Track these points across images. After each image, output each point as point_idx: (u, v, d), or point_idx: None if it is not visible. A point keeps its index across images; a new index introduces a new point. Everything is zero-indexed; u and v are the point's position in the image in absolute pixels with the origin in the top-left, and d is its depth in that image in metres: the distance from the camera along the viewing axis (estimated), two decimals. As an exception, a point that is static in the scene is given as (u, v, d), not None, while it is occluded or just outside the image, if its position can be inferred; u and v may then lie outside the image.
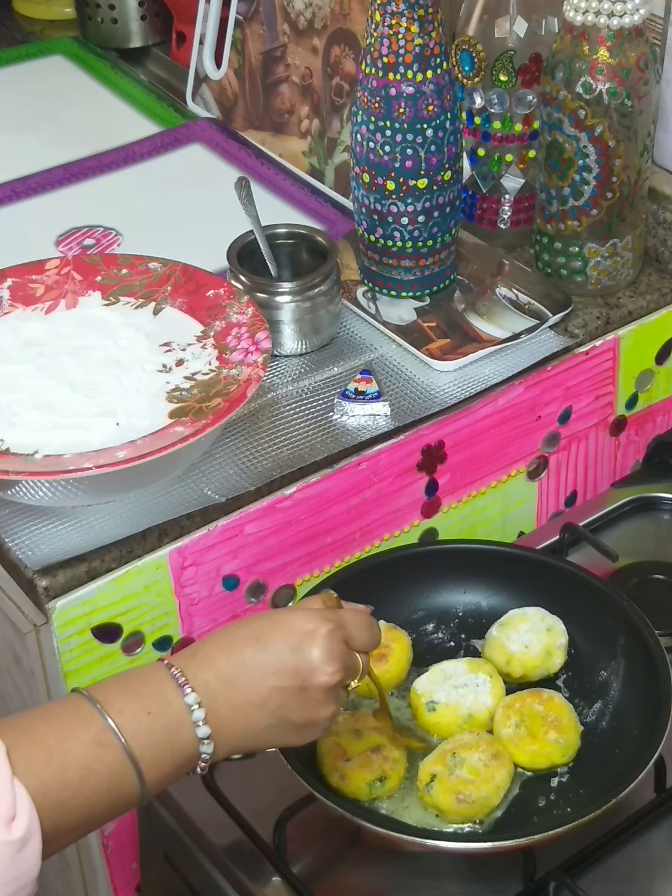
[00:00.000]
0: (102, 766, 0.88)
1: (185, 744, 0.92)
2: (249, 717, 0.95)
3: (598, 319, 1.43)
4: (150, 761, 0.90)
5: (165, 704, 0.92)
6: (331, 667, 0.96)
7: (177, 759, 0.92)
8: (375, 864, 1.12)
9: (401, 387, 1.35)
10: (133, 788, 0.90)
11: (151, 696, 0.92)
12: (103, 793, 0.89)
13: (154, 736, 0.91)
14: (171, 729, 0.92)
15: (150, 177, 1.68)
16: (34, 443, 1.16)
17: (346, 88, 1.56)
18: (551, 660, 1.19)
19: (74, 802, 0.87)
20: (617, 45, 1.31)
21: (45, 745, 0.87)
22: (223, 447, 1.28)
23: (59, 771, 0.87)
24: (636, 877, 1.12)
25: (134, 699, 0.91)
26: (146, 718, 0.91)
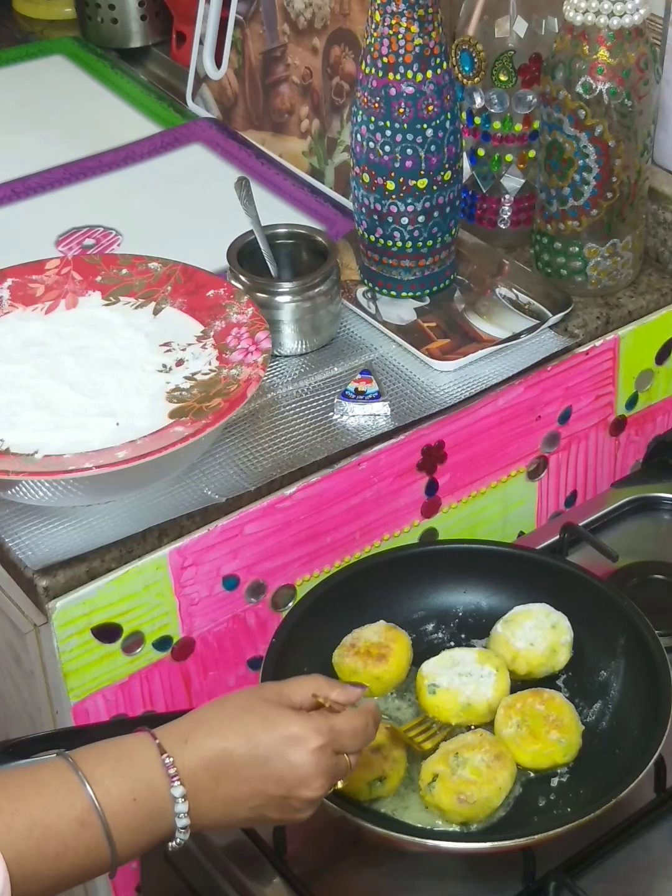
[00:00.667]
0: (80, 844, 0.90)
1: (162, 829, 0.94)
2: (228, 809, 0.96)
3: (598, 319, 1.43)
4: (127, 843, 0.92)
5: (152, 792, 0.92)
6: (317, 782, 0.96)
7: (152, 840, 0.94)
8: (375, 864, 1.12)
9: (401, 387, 1.35)
10: (104, 864, 0.92)
11: (140, 781, 0.92)
12: (76, 867, 0.90)
13: (136, 822, 0.92)
14: (153, 816, 0.93)
15: (150, 177, 1.68)
16: (34, 443, 1.16)
17: (346, 88, 1.56)
18: (556, 657, 1.19)
19: (46, 874, 0.89)
20: (617, 45, 1.31)
21: (28, 817, 0.88)
22: (223, 447, 1.28)
23: (38, 844, 0.88)
24: (636, 877, 1.12)
25: (123, 782, 0.92)
26: (131, 804, 0.92)
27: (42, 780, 0.91)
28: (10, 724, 1.39)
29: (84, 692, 1.22)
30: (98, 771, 0.91)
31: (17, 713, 1.36)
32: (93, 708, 1.24)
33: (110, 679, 1.23)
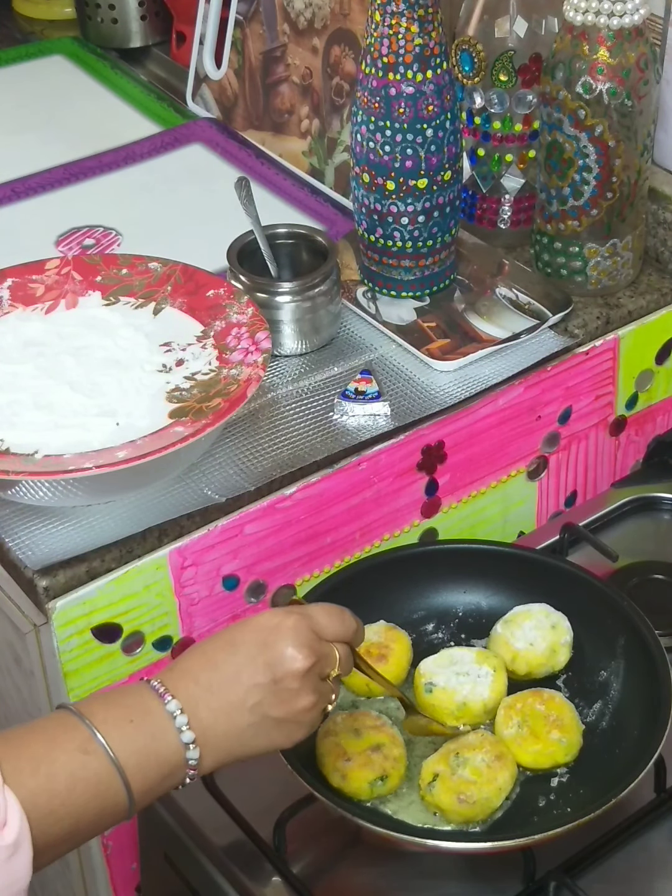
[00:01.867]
0: (89, 773, 0.89)
1: (169, 751, 0.93)
2: (231, 717, 0.95)
3: (598, 319, 1.43)
4: (135, 768, 0.91)
5: (147, 713, 0.93)
6: (300, 653, 0.96)
7: (162, 767, 0.93)
8: (375, 864, 1.12)
9: (401, 387, 1.35)
10: (120, 797, 0.91)
11: (133, 706, 0.93)
12: (90, 800, 0.89)
13: (138, 743, 0.92)
14: (154, 736, 0.93)
15: (150, 177, 1.68)
16: (34, 443, 1.16)
17: (346, 88, 1.56)
18: (556, 657, 1.19)
19: (63, 811, 0.88)
20: (617, 45, 1.31)
21: (32, 755, 0.89)
22: (223, 447, 1.28)
23: (47, 779, 0.88)
24: (636, 877, 1.12)
25: (116, 709, 0.93)
26: (129, 726, 0.92)
27: (40, 725, 0.92)
28: (10, 724, 1.39)
29: (84, 692, 1.22)
30: (93, 707, 0.93)
31: (17, 713, 1.36)
32: (93, 708, 1.24)
33: (110, 679, 1.23)
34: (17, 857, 0.83)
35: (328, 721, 1.14)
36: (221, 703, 0.95)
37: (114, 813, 0.91)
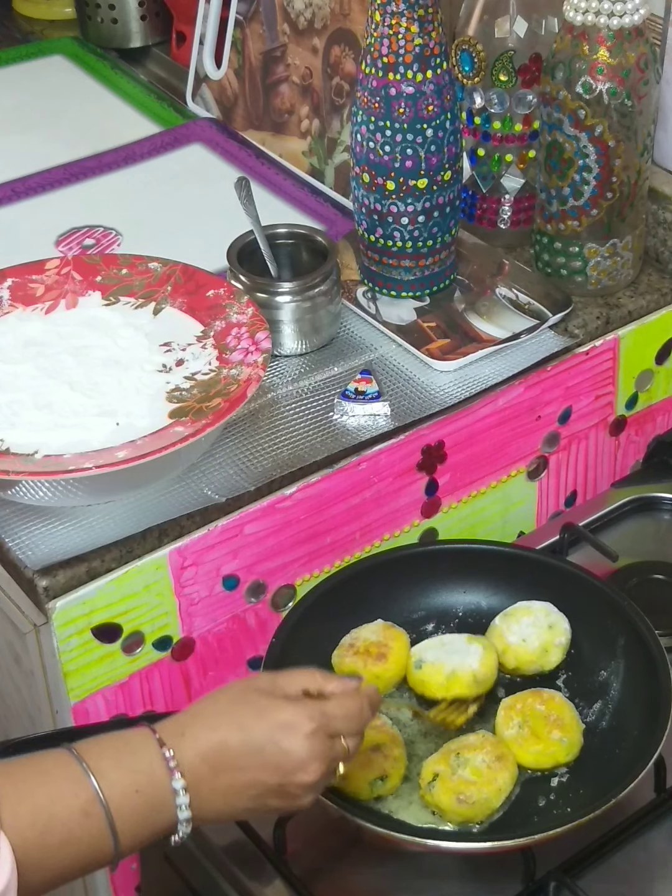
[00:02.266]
0: (84, 834, 0.90)
1: (165, 822, 0.94)
2: (229, 799, 0.96)
3: (598, 319, 1.43)
4: (130, 834, 0.92)
5: (154, 785, 0.93)
6: (312, 766, 0.96)
7: (155, 832, 0.94)
8: (375, 864, 1.12)
9: (401, 387, 1.35)
10: (107, 856, 0.92)
11: (142, 773, 0.93)
12: (79, 858, 0.91)
13: (138, 814, 0.92)
14: (155, 808, 0.93)
15: (150, 177, 1.68)
16: (34, 443, 1.16)
17: (346, 88, 1.56)
18: (547, 657, 1.19)
19: (50, 864, 0.89)
20: (617, 45, 1.31)
21: (33, 805, 0.89)
22: (223, 447, 1.28)
23: (43, 833, 0.88)
24: (636, 877, 1.12)
25: (125, 774, 0.92)
26: (134, 796, 0.92)
27: (46, 769, 0.91)
28: (10, 724, 1.39)
29: (84, 692, 1.22)
30: (101, 763, 0.92)
31: (17, 713, 1.36)
32: (93, 708, 1.24)
33: (110, 679, 1.23)
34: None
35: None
36: (224, 786, 0.95)
37: (98, 865, 0.93)
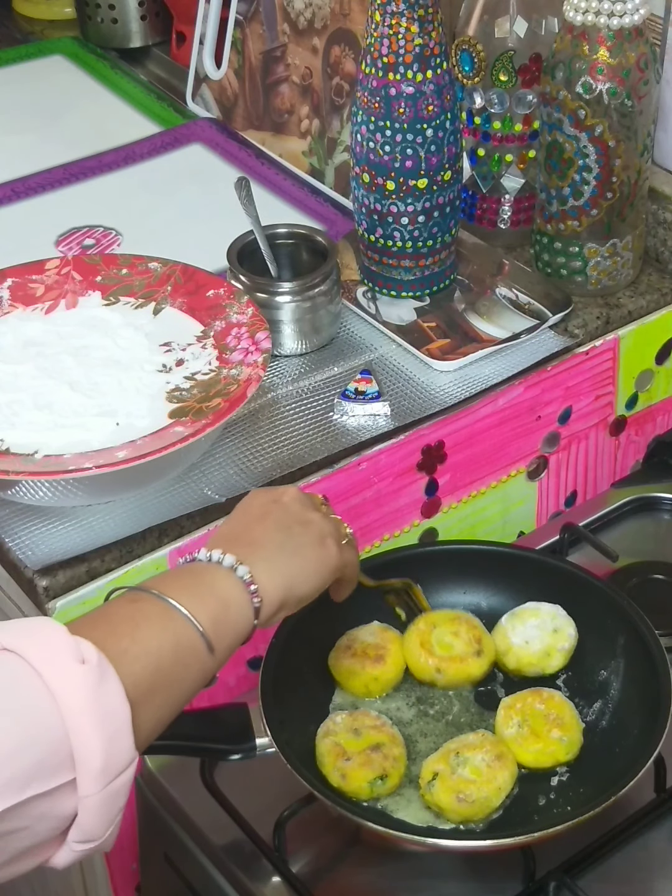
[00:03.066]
0: (147, 609, 0.90)
1: (219, 578, 0.94)
2: (262, 542, 0.98)
3: (598, 319, 1.43)
4: (189, 601, 0.91)
5: (182, 567, 0.97)
6: (280, 488, 1.04)
7: (217, 592, 0.93)
8: (375, 864, 1.12)
9: (401, 387, 1.35)
10: (189, 632, 0.90)
11: (182, 569, 0.96)
12: (159, 632, 0.89)
13: (182, 580, 0.94)
14: (196, 573, 0.95)
15: (150, 177, 1.68)
16: (34, 443, 1.16)
17: (346, 88, 1.56)
18: (549, 660, 1.19)
19: (134, 650, 0.87)
20: (617, 45, 1.31)
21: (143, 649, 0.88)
22: (223, 447, 1.28)
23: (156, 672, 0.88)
24: (636, 877, 1.12)
25: (167, 575, 0.97)
26: (167, 576, 0.96)
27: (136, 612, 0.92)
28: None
29: (84, 692, 1.22)
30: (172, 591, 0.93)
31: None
32: (93, 708, 1.24)
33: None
34: (107, 686, 0.82)
35: (328, 721, 1.14)
36: (248, 540, 0.98)
37: (193, 649, 0.91)
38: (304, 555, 1.00)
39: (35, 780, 0.79)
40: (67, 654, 0.82)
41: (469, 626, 1.19)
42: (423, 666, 1.18)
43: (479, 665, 1.18)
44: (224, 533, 1.01)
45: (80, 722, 0.81)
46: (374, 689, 1.18)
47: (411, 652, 1.19)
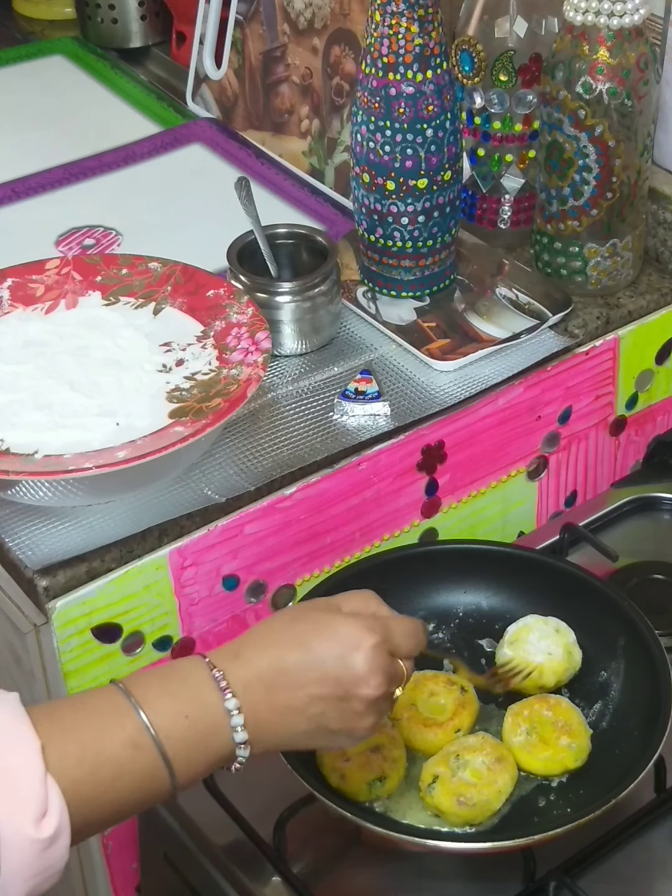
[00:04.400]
0: (135, 766, 0.88)
1: (220, 747, 0.92)
2: (288, 720, 0.94)
3: (598, 319, 1.43)
4: (183, 763, 0.90)
5: (204, 708, 0.91)
6: (374, 680, 0.94)
7: (210, 761, 0.92)
8: (375, 864, 1.12)
9: (401, 387, 1.35)
10: (164, 787, 0.90)
11: (190, 699, 0.91)
12: (134, 791, 0.88)
13: (189, 740, 0.90)
14: (207, 733, 0.91)
15: (150, 177, 1.68)
16: (34, 443, 1.16)
17: (346, 88, 1.56)
18: (573, 658, 1.18)
19: (105, 799, 0.87)
20: (617, 45, 1.31)
21: (80, 742, 0.87)
22: (223, 447, 1.28)
23: (92, 770, 0.86)
24: (636, 877, 1.12)
25: (172, 700, 0.90)
26: (183, 722, 0.90)
27: (93, 705, 0.90)
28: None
29: (84, 692, 1.22)
30: (149, 693, 0.90)
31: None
32: (93, 708, 1.24)
33: (110, 679, 1.23)
34: (53, 849, 0.83)
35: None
36: (281, 706, 0.93)
37: (156, 799, 0.91)
38: (310, 745, 0.97)
39: None
40: (30, 810, 0.82)
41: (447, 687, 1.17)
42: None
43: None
44: (278, 665, 0.93)
45: (12, 875, 0.82)
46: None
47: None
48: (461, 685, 1.16)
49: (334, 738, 0.96)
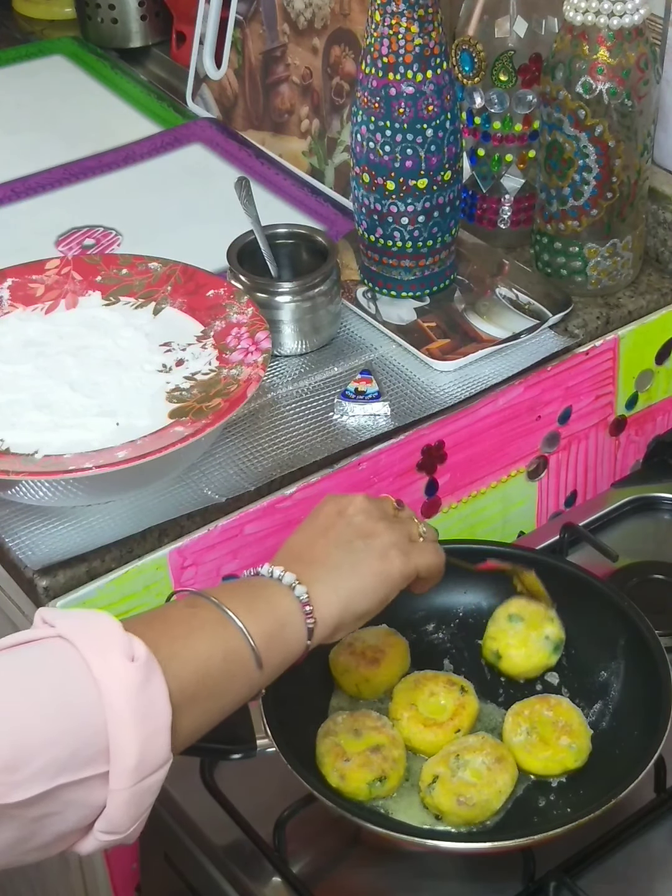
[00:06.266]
0: (201, 620, 0.91)
1: (278, 595, 0.95)
2: (321, 559, 0.99)
3: (598, 319, 1.43)
4: (246, 615, 0.92)
5: (241, 581, 0.99)
6: (348, 496, 1.04)
7: (275, 610, 0.94)
8: (375, 864, 1.12)
9: (401, 387, 1.35)
10: (241, 645, 0.91)
11: (241, 583, 0.99)
12: (211, 647, 0.90)
13: (241, 594, 0.94)
14: (255, 588, 0.96)
15: (150, 177, 1.68)
16: (34, 443, 1.16)
17: (346, 88, 1.56)
18: (547, 625, 1.20)
19: (187, 654, 0.89)
20: (617, 45, 1.31)
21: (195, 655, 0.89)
22: (223, 447, 1.28)
23: (204, 678, 0.89)
24: (636, 877, 1.12)
25: (229, 586, 0.99)
26: (227, 588, 0.97)
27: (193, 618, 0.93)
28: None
29: (84, 692, 1.22)
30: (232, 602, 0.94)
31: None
32: (93, 708, 1.24)
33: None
34: (151, 688, 0.84)
35: (329, 721, 1.14)
36: (308, 558, 0.99)
37: (242, 664, 0.92)
38: (363, 573, 1.00)
39: (68, 769, 0.81)
40: (118, 649, 0.83)
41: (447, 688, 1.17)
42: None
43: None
44: (290, 546, 1.02)
45: (120, 718, 0.82)
46: (365, 691, 1.18)
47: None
48: (461, 685, 1.16)
49: (372, 549, 1.01)
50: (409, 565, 1.02)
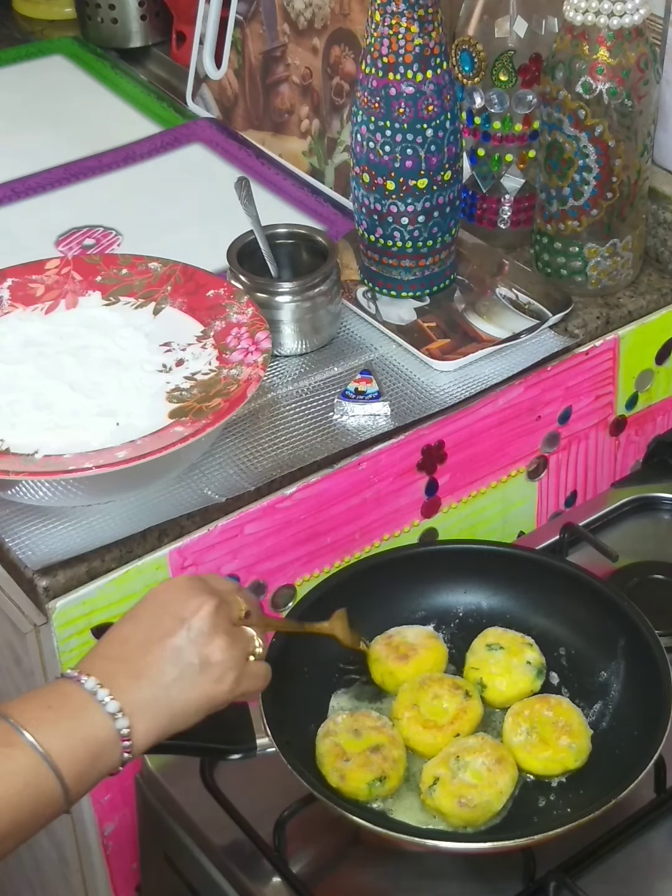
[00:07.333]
0: (15, 765, 0.88)
1: (96, 727, 0.91)
2: (152, 677, 0.94)
3: (598, 319, 1.43)
4: (62, 752, 0.89)
5: (66, 697, 0.92)
6: (200, 598, 0.97)
7: (91, 746, 0.91)
8: (375, 864, 1.12)
9: (401, 387, 1.35)
10: (52, 785, 0.89)
11: (50, 695, 0.92)
12: (22, 791, 0.87)
13: (60, 726, 0.90)
14: (76, 715, 0.91)
15: (150, 177, 1.68)
16: (34, 443, 1.16)
17: (346, 88, 1.56)
18: (528, 651, 1.19)
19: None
20: (617, 45, 1.31)
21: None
22: (223, 447, 1.28)
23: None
24: (636, 877, 1.12)
25: (32, 700, 0.92)
26: (48, 712, 0.90)
27: None
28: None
29: (84, 692, 1.22)
30: (6, 706, 0.91)
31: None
32: (93, 708, 1.23)
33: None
34: None
35: (329, 721, 1.14)
36: (140, 667, 0.94)
37: (51, 803, 0.89)
38: (191, 696, 0.96)
39: None
40: None
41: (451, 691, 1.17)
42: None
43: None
44: (123, 639, 0.96)
45: None
46: (389, 685, 1.18)
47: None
48: (466, 690, 1.16)
49: (206, 673, 0.97)
50: (237, 691, 0.99)
